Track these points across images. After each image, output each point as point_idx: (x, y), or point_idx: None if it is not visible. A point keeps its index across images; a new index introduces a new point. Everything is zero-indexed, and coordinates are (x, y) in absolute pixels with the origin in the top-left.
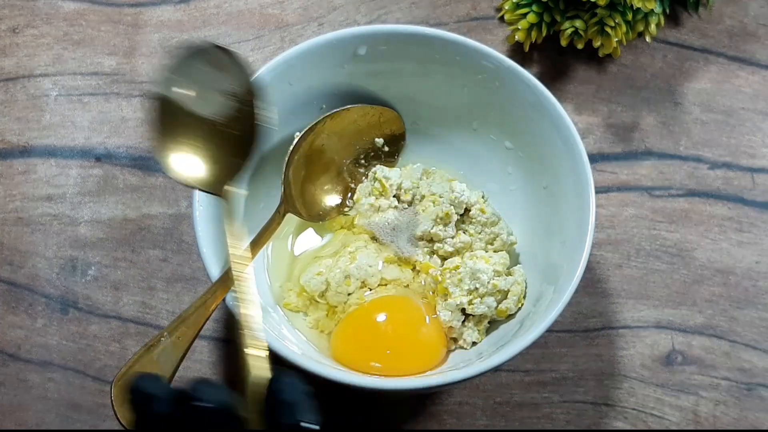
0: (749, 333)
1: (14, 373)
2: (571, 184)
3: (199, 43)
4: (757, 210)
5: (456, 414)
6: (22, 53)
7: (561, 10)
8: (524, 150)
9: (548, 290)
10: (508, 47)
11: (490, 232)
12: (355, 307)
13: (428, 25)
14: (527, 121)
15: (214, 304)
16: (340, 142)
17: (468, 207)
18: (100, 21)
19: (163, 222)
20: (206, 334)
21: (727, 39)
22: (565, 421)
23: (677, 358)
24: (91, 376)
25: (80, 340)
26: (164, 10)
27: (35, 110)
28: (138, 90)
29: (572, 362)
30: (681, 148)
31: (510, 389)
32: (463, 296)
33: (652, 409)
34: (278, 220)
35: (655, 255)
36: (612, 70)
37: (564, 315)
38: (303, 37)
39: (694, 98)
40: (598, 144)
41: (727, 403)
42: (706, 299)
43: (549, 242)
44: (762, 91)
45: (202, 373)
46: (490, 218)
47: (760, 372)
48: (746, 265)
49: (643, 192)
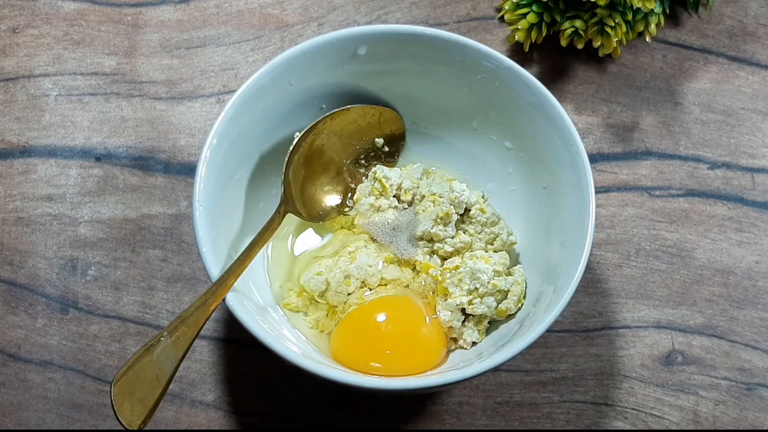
0: (749, 333)
1: (14, 373)
2: (571, 184)
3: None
4: (757, 210)
5: (456, 414)
6: (22, 53)
7: (561, 10)
8: (524, 150)
9: (548, 290)
10: (508, 47)
11: (490, 232)
12: (355, 307)
13: (428, 25)
14: (527, 121)
15: (214, 304)
16: (340, 142)
17: (468, 207)
18: (100, 21)
19: (163, 222)
20: (206, 334)
21: (727, 39)
22: (565, 421)
23: (677, 358)
24: (91, 376)
25: (80, 340)
26: (164, 10)
27: (35, 110)
28: (138, 90)
29: (572, 362)
30: (681, 148)
31: (510, 389)
32: (463, 296)
33: (652, 409)
34: (278, 220)
35: (655, 255)
36: (612, 70)
37: (564, 315)
38: (303, 37)
39: (694, 98)
40: (598, 144)
41: (727, 403)
42: (706, 299)
43: (549, 242)
44: (762, 91)
45: (202, 373)
46: (490, 218)
47: (760, 372)
48: (746, 265)
49: (643, 192)
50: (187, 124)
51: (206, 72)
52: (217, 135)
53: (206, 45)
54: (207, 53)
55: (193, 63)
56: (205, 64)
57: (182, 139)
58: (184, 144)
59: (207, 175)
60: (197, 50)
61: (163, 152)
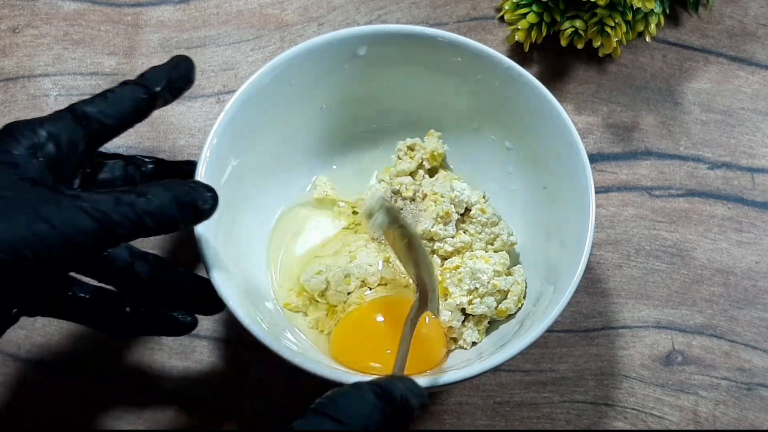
0: (749, 333)
1: (14, 373)
2: (571, 184)
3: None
4: (757, 210)
5: (456, 414)
6: (22, 53)
7: (561, 10)
8: (524, 150)
9: (548, 290)
10: (508, 47)
11: (491, 233)
12: (355, 306)
13: (428, 25)
14: (527, 121)
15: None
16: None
17: (468, 207)
18: (100, 21)
19: None
20: (206, 334)
21: (727, 39)
22: (565, 421)
23: (677, 358)
24: (91, 376)
25: (80, 340)
26: (164, 10)
27: (35, 110)
28: None
29: (572, 362)
30: (681, 148)
31: (510, 389)
32: (463, 296)
33: (652, 409)
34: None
35: (655, 255)
36: (612, 70)
37: (564, 315)
38: (303, 37)
39: (694, 98)
40: (598, 144)
41: (727, 403)
42: (706, 299)
43: (549, 242)
44: (762, 91)
45: (202, 373)
46: (490, 218)
47: (760, 372)
48: (746, 265)
49: (643, 192)
50: (187, 124)
51: (206, 72)
52: (217, 135)
53: (206, 45)
54: (207, 53)
55: None
56: (205, 64)
57: (182, 139)
58: (184, 144)
59: (207, 175)
60: (197, 50)
61: (163, 152)
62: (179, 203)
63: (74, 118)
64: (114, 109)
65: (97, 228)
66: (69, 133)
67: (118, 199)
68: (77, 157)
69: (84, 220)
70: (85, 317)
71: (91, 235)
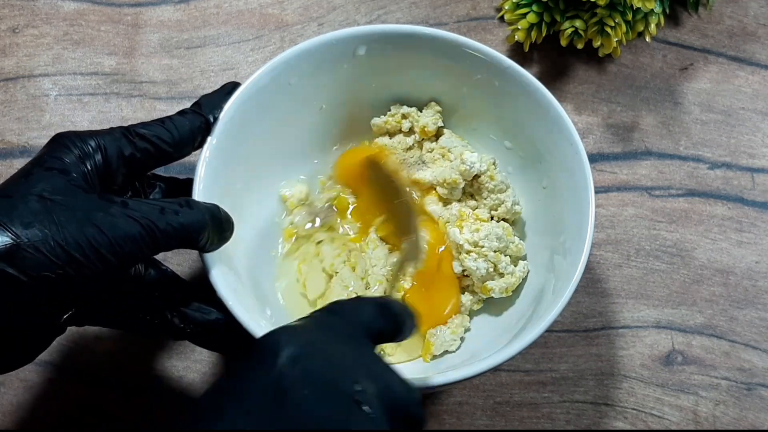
0: (749, 333)
1: (14, 373)
2: (571, 184)
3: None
4: (757, 210)
5: (456, 414)
6: (22, 53)
7: (561, 10)
8: (524, 150)
9: (548, 290)
10: (508, 47)
11: (496, 198)
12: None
13: (428, 25)
14: (527, 121)
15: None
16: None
17: (478, 174)
18: (100, 21)
19: None
20: None
21: (727, 39)
22: (565, 421)
23: (677, 358)
24: (91, 376)
25: (80, 340)
26: (164, 10)
27: (35, 110)
28: (138, 90)
29: (572, 362)
30: (681, 148)
31: (510, 389)
32: (468, 242)
33: (651, 409)
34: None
35: (654, 255)
36: (612, 70)
37: (564, 315)
38: (303, 37)
39: (694, 98)
40: (598, 144)
41: (727, 403)
42: (706, 299)
43: (549, 242)
44: (762, 91)
45: (202, 373)
46: (497, 186)
47: (760, 372)
48: (746, 265)
49: (643, 192)
50: None
51: (206, 72)
52: (217, 135)
53: (206, 45)
54: (207, 53)
55: (193, 63)
56: (205, 64)
57: None
58: None
59: (207, 175)
60: (197, 50)
61: None
62: (213, 217)
63: (124, 134)
64: (169, 134)
65: (144, 234)
66: (117, 146)
67: (163, 208)
68: (126, 170)
69: (132, 226)
70: (136, 327)
71: (138, 240)
